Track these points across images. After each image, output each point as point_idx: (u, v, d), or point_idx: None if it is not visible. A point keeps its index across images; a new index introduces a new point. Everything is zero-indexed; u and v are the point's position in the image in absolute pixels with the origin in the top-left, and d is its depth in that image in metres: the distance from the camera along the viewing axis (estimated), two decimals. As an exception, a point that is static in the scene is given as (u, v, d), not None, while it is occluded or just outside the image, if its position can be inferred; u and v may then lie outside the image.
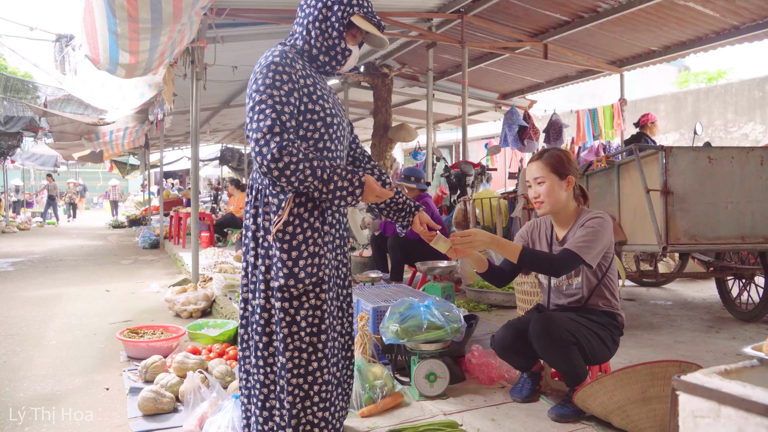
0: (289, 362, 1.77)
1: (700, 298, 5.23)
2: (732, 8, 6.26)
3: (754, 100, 11.12)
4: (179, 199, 14.22)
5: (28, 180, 29.81)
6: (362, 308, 3.33)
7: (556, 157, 2.50)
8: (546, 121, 10.12)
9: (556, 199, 2.49)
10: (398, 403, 2.58)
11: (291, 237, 1.77)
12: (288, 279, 1.75)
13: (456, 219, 5.43)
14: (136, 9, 3.20)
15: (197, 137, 5.71)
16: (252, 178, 1.90)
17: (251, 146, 1.70)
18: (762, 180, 3.67)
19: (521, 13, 6.95)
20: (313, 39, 1.86)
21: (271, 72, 1.72)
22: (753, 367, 1.16)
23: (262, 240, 1.81)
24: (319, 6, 1.85)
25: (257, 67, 1.79)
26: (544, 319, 2.42)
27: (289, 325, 1.77)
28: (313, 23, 1.85)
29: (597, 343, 2.44)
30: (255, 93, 1.72)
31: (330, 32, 1.85)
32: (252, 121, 1.70)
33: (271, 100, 1.69)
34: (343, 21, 1.85)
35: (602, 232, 2.40)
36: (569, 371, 2.43)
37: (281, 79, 1.73)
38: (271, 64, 1.74)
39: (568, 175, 2.48)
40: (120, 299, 5.67)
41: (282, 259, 1.75)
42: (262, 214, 1.81)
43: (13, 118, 12.34)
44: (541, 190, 2.49)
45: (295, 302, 1.77)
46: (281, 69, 1.74)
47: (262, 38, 6.67)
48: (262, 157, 1.66)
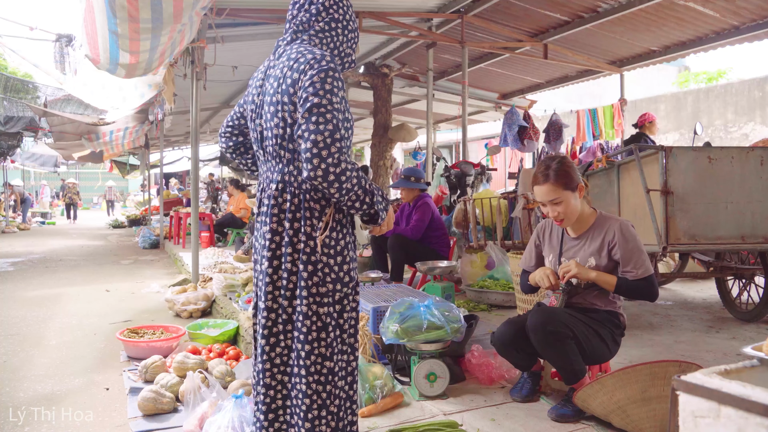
0: (336, 366, 1.77)
1: (700, 298, 5.23)
2: (732, 8, 6.26)
3: (754, 100, 11.12)
4: (179, 199, 14.21)
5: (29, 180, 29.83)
6: (362, 308, 3.33)
7: (563, 172, 2.48)
8: (546, 121, 10.12)
9: (575, 212, 2.52)
10: (398, 403, 2.58)
11: (335, 243, 1.78)
12: (336, 284, 1.77)
13: (456, 219, 5.42)
14: (137, 9, 3.20)
15: (197, 137, 5.71)
16: (283, 181, 1.80)
17: (306, 147, 1.65)
18: (762, 180, 3.67)
19: (521, 13, 6.95)
20: (342, 44, 1.91)
21: (330, 78, 1.71)
22: (753, 367, 1.16)
23: (304, 246, 1.75)
24: (350, 12, 1.94)
25: (307, 66, 1.73)
26: (542, 312, 2.43)
27: (334, 329, 1.78)
28: (344, 29, 1.91)
29: (595, 340, 2.44)
30: (314, 96, 1.68)
31: (352, 38, 1.95)
32: (309, 122, 1.66)
33: (331, 106, 1.68)
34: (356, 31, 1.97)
35: (639, 240, 2.51)
36: (566, 367, 2.43)
37: (338, 85, 1.72)
38: (330, 69, 1.72)
39: (578, 185, 2.51)
40: (120, 299, 5.67)
41: (329, 264, 1.77)
42: (303, 219, 1.76)
43: (13, 118, 12.34)
44: (560, 209, 2.50)
45: (338, 306, 1.79)
46: (338, 75, 1.75)
47: (262, 38, 6.66)
48: (321, 160, 1.63)
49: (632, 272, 2.44)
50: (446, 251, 5.10)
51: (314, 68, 1.71)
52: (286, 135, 1.76)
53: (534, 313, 2.45)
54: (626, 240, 2.46)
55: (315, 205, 1.77)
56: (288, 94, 1.74)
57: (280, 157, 1.80)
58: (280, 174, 1.80)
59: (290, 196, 1.78)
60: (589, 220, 2.58)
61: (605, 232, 2.52)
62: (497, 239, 4.87)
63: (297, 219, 1.76)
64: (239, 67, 7.66)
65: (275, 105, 1.77)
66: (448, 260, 4.67)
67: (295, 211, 1.77)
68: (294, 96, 1.73)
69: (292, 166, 1.78)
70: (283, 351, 1.81)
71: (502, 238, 4.94)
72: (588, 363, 2.51)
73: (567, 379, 2.47)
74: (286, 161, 1.79)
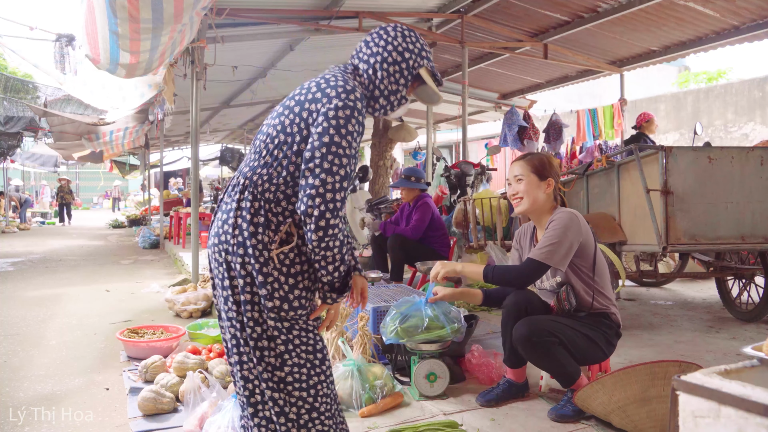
0: (289, 376, 1.71)
1: (700, 298, 5.23)
2: (732, 8, 6.26)
3: (754, 100, 11.12)
4: (179, 199, 14.21)
5: (29, 180, 29.84)
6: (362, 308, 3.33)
7: (538, 159, 2.57)
8: (546, 121, 10.12)
9: (533, 198, 2.52)
10: (398, 403, 2.58)
11: (291, 264, 1.69)
12: (283, 303, 1.67)
13: (456, 219, 5.42)
14: (138, 9, 3.19)
15: (197, 137, 5.71)
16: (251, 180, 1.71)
17: (312, 183, 1.60)
18: (762, 180, 3.67)
19: (521, 13, 6.95)
20: (378, 80, 1.82)
21: (353, 118, 1.66)
22: (753, 367, 1.16)
23: (258, 254, 1.65)
24: (390, 49, 1.81)
25: (334, 92, 1.67)
26: (526, 323, 2.43)
27: (285, 343, 1.70)
28: (382, 65, 1.81)
29: (585, 342, 2.43)
30: (335, 132, 1.62)
31: (397, 77, 1.82)
32: (324, 160, 1.61)
33: (350, 149, 1.65)
34: (413, 71, 1.84)
35: (565, 232, 2.40)
36: (559, 371, 2.44)
37: (358, 130, 1.68)
38: (356, 110, 1.67)
39: (548, 178, 2.53)
40: (120, 299, 5.67)
41: (280, 281, 1.67)
42: (261, 226, 1.66)
43: (13, 118, 12.34)
44: (519, 187, 2.54)
45: (286, 323, 1.70)
46: (361, 118, 1.69)
47: (262, 38, 6.67)
48: (324, 202, 1.59)
49: (533, 252, 2.44)
50: (446, 251, 5.10)
51: (341, 99, 1.65)
52: (278, 140, 1.71)
53: (518, 325, 2.44)
54: (550, 227, 2.46)
55: (273, 218, 1.69)
56: (302, 106, 1.69)
57: (261, 156, 1.74)
58: (252, 171, 1.74)
59: (251, 198, 1.69)
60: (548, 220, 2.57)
61: (548, 225, 2.52)
62: (497, 239, 4.87)
63: (254, 223, 1.67)
64: (239, 67, 7.66)
65: (285, 107, 1.75)
66: (448, 260, 4.67)
67: (254, 215, 1.68)
68: (306, 113, 1.68)
69: (266, 170, 1.71)
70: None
71: (502, 238, 4.94)
72: (581, 364, 2.51)
73: (563, 382, 2.48)
74: (263, 162, 1.73)
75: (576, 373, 2.44)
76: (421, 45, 1.87)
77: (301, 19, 6.37)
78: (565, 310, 2.51)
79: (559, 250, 2.39)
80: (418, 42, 1.87)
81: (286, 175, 1.69)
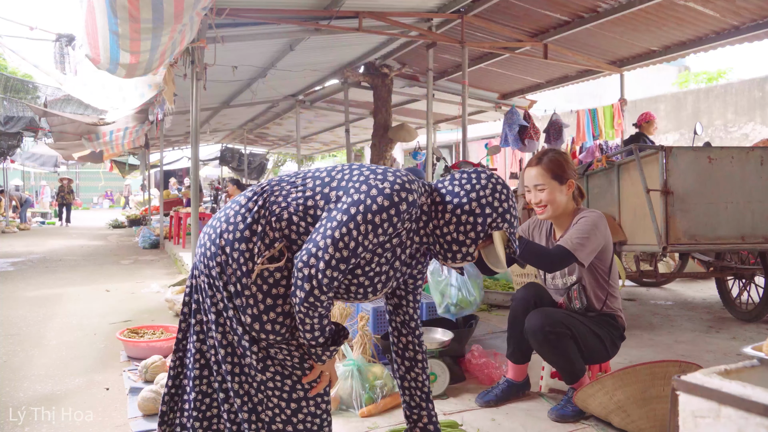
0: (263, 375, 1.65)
1: (700, 298, 5.23)
2: (732, 8, 6.25)
3: (754, 100, 11.12)
4: (179, 199, 14.21)
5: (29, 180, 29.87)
6: (362, 308, 3.33)
7: (556, 162, 2.47)
8: (546, 121, 10.12)
9: (558, 204, 2.47)
10: (398, 403, 2.58)
11: (274, 284, 1.59)
12: (254, 321, 1.58)
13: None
14: (138, 9, 3.19)
15: (197, 137, 5.71)
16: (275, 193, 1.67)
17: (317, 240, 1.53)
18: (762, 180, 3.67)
19: (521, 13, 6.94)
20: (445, 221, 1.67)
21: (386, 212, 1.53)
22: (753, 367, 1.16)
23: (244, 261, 1.59)
24: (472, 197, 1.67)
25: (391, 177, 1.59)
26: (540, 313, 2.43)
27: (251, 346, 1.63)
28: (455, 209, 1.66)
29: (593, 339, 2.44)
30: (362, 212, 1.52)
31: (466, 230, 1.66)
32: (337, 229, 1.51)
33: (364, 239, 1.53)
34: (488, 229, 1.67)
35: (595, 231, 2.40)
36: (566, 367, 2.44)
37: (384, 229, 1.54)
38: (394, 207, 1.54)
39: (568, 179, 2.47)
40: (120, 299, 5.67)
41: (256, 297, 1.58)
42: (260, 236, 1.60)
43: (13, 118, 12.34)
44: (542, 196, 2.47)
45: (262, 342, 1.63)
46: (396, 220, 1.55)
47: (262, 38, 6.66)
48: (317, 271, 1.50)
49: (563, 240, 2.41)
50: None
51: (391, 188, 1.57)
52: (319, 174, 1.68)
53: (531, 315, 2.45)
54: (579, 224, 2.43)
55: (270, 232, 1.61)
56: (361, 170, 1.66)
57: (296, 176, 1.71)
58: (278, 183, 1.71)
59: (261, 203, 1.64)
60: (571, 217, 2.55)
61: (577, 221, 2.48)
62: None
63: (251, 229, 1.61)
64: (239, 67, 7.66)
65: (349, 168, 1.70)
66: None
67: (255, 221, 1.61)
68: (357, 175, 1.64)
69: (289, 188, 1.67)
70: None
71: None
72: (585, 361, 2.52)
73: (567, 379, 2.48)
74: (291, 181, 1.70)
75: (581, 371, 2.44)
76: (508, 206, 1.70)
77: (301, 19, 6.36)
78: (575, 309, 2.51)
79: (588, 245, 2.37)
80: (507, 202, 1.70)
81: (298, 204, 1.63)
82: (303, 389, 1.66)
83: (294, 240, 1.62)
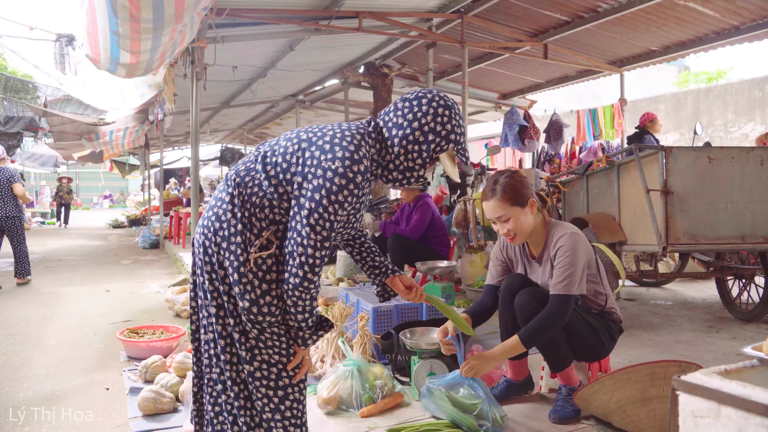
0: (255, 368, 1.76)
1: (700, 298, 5.23)
2: (732, 8, 6.26)
3: (754, 100, 11.12)
4: (179, 199, 14.21)
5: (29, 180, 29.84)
6: (362, 308, 3.33)
7: (511, 188, 2.37)
8: (546, 121, 10.13)
9: (525, 228, 2.41)
10: (398, 403, 2.58)
11: (267, 270, 1.71)
12: (252, 305, 1.68)
13: (456, 219, 5.42)
14: (138, 9, 3.20)
15: (197, 137, 5.71)
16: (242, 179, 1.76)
17: (299, 229, 1.65)
18: (762, 180, 3.67)
19: (521, 13, 6.95)
20: (394, 155, 1.78)
21: (347, 189, 1.64)
22: (753, 367, 1.16)
23: (239, 253, 1.69)
24: (415, 126, 1.75)
25: (341, 154, 1.66)
26: (530, 290, 2.41)
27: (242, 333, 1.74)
28: (401, 141, 1.76)
29: (587, 330, 2.43)
30: (326, 194, 1.63)
31: (413, 157, 1.77)
32: (311, 215, 1.64)
33: (335, 216, 1.65)
34: (433, 154, 1.77)
35: (576, 257, 2.33)
36: (552, 353, 2.43)
37: (350, 201, 1.66)
38: (352, 182, 1.65)
39: (528, 199, 2.39)
40: (120, 299, 5.67)
41: (253, 283, 1.69)
42: (249, 228, 1.71)
43: (13, 118, 12.35)
44: (509, 226, 2.39)
45: (257, 325, 1.72)
46: (357, 191, 1.67)
47: (262, 38, 6.67)
48: (307, 257, 1.64)
49: (553, 287, 2.34)
50: (446, 251, 5.10)
51: (343, 166, 1.65)
52: (276, 160, 1.74)
53: (522, 292, 2.43)
54: (560, 255, 2.36)
55: (256, 222, 1.72)
56: (310, 147, 1.71)
57: (258, 162, 1.77)
58: (246, 172, 1.77)
59: (242, 199, 1.73)
60: (542, 231, 2.49)
61: (551, 249, 2.43)
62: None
63: (242, 223, 1.70)
64: (239, 67, 7.67)
65: (298, 138, 1.76)
66: (448, 260, 4.67)
67: (243, 215, 1.71)
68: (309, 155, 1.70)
69: (258, 176, 1.74)
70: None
71: (502, 238, 4.94)
72: (582, 357, 2.51)
73: (553, 366, 2.47)
74: (258, 168, 1.75)
75: (568, 359, 2.43)
76: (452, 127, 1.77)
77: (301, 19, 6.37)
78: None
79: (576, 276, 2.32)
80: (450, 123, 1.77)
81: (272, 192, 1.72)
82: (288, 376, 1.77)
83: (279, 221, 1.74)
